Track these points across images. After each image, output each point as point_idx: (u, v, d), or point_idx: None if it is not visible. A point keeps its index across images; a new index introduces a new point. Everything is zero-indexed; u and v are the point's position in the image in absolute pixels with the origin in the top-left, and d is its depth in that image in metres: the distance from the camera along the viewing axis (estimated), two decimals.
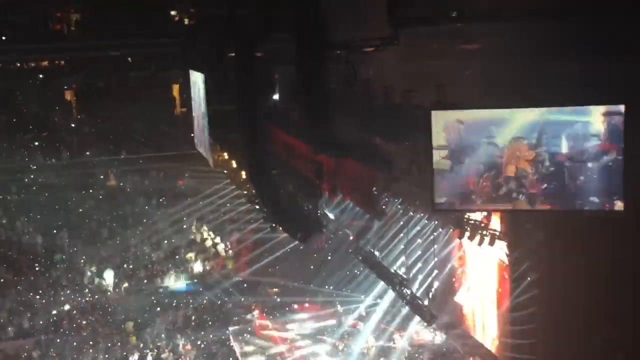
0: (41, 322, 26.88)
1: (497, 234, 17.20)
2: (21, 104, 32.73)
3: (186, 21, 34.49)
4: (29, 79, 33.25)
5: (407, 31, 13.87)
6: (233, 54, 21.69)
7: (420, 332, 25.79)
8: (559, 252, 18.37)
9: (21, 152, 31.89)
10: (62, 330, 26.66)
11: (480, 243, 16.92)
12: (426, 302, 20.81)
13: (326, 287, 29.23)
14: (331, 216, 23.91)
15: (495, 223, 18.81)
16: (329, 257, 29.49)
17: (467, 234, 17.06)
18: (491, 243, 16.93)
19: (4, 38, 32.21)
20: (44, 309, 27.51)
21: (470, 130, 12.27)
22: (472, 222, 17.07)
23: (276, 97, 21.48)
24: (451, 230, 20.42)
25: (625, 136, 11.10)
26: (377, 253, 22.71)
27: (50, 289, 28.47)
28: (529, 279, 20.21)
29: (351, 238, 24.81)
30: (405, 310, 23.38)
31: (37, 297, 27.99)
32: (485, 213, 17.13)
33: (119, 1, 31.33)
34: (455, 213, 16.54)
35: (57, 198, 31.67)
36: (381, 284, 24.24)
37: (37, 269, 29.39)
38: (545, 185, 11.80)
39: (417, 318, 22.28)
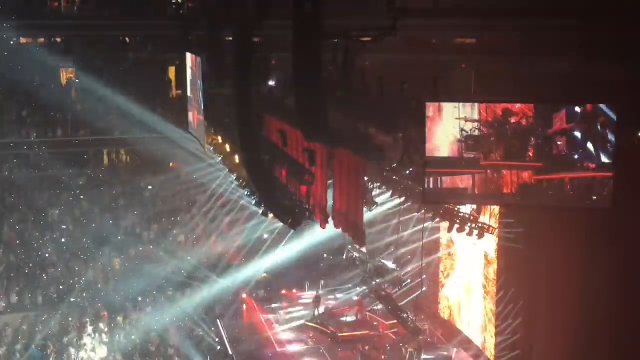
0: None
1: (486, 226, 17.34)
2: (17, 80, 32.45)
3: (185, 4, 34.29)
4: (25, 56, 32.93)
5: (406, 22, 13.98)
6: (230, 39, 21.68)
7: None
8: (546, 245, 18.59)
9: (15, 127, 31.69)
10: None
11: (469, 235, 17.09)
12: (411, 315, 21.16)
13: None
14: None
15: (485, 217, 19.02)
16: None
17: (457, 226, 17.21)
18: (480, 236, 17.09)
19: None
20: None
21: None
22: (462, 214, 17.21)
23: (272, 83, 21.51)
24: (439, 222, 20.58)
25: None
26: (364, 250, 22.97)
27: None
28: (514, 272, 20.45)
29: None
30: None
31: None
32: (474, 206, 17.33)
33: None
34: (445, 205, 16.76)
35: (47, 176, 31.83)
36: None
37: None
38: None
39: None
